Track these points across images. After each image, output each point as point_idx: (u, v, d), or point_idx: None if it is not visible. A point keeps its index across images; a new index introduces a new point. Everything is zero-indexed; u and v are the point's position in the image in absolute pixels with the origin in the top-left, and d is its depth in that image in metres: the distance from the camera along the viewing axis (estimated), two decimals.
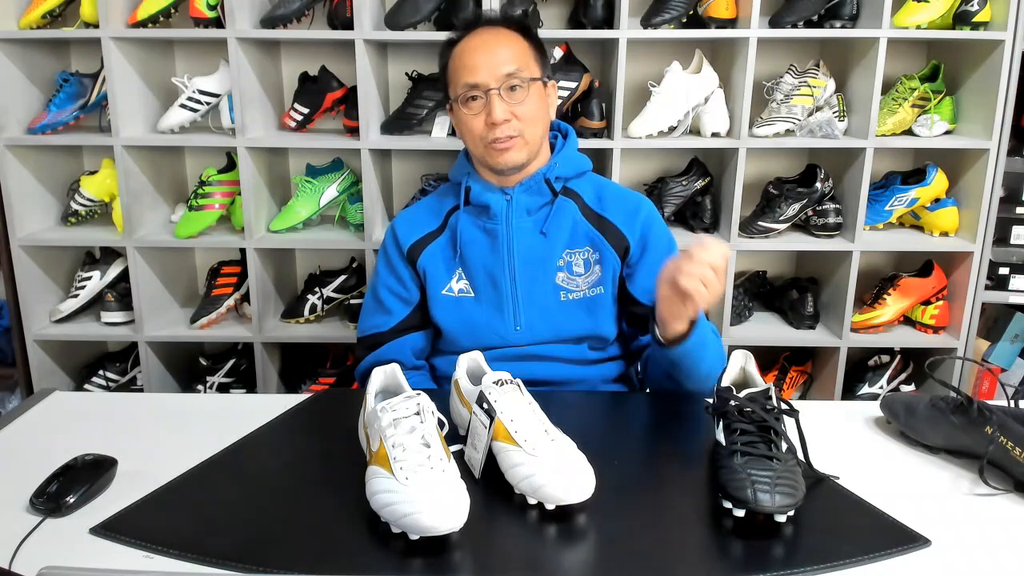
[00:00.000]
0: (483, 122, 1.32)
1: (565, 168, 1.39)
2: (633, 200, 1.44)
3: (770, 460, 0.92)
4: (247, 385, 2.30)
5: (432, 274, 1.41)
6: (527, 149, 1.34)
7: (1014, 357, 2.25)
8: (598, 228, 1.39)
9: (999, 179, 2.04)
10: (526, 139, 1.33)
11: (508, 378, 1.01)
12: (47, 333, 2.20)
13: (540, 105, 1.35)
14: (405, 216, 1.48)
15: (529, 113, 1.32)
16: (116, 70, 2.02)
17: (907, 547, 0.87)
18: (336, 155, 2.26)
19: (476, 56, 1.32)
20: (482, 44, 1.34)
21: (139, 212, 2.14)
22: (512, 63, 1.31)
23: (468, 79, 1.31)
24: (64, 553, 0.87)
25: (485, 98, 1.31)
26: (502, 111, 1.30)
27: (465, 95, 1.32)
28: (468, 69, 1.32)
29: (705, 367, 1.27)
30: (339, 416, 1.19)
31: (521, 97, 1.31)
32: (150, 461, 1.05)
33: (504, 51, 1.32)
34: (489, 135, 1.31)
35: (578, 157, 1.43)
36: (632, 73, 2.08)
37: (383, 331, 1.42)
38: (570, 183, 1.41)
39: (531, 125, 1.33)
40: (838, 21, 2.04)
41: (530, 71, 1.34)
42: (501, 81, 1.30)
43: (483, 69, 1.30)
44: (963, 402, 1.05)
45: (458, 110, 1.35)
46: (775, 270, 2.44)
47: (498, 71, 1.30)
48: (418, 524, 0.83)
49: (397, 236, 1.44)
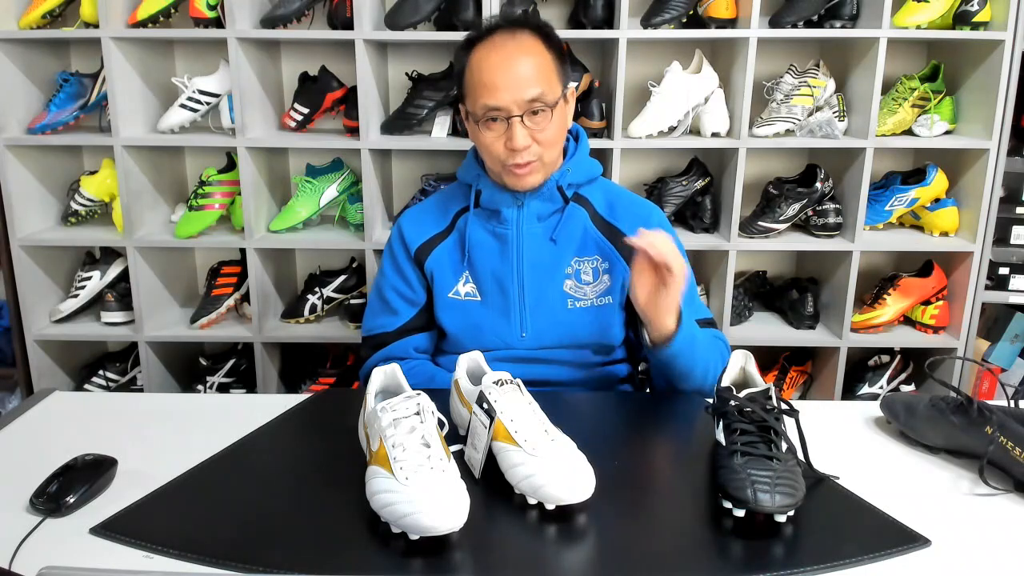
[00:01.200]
0: (502, 145, 1.27)
1: (577, 175, 1.37)
2: (644, 209, 1.43)
3: (770, 460, 0.92)
4: (247, 385, 2.30)
5: (439, 277, 1.39)
6: (544, 171, 1.32)
7: (1014, 357, 2.25)
8: (608, 237, 1.38)
9: (999, 179, 2.04)
10: (544, 162, 1.30)
11: (508, 378, 1.01)
12: (47, 333, 2.20)
13: (561, 125, 1.31)
14: (412, 215, 1.46)
15: (550, 137, 1.29)
16: (116, 70, 2.02)
17: (907, 547, 0.87)
18: (336, 155, 2.26)
19: (498, 75, 1.25)
20: (503, 61, 1.26)
21: (139, 212, 2.14)
22: (536, 85, 1.25)
23: (489, 101, 1.25)
24: (64, 553, 0.87)
25: (506, 122, 1.26)
26: (523, 138, 1.26)
27: (485, 116, 1.27)
28: (489, 90, 1.25)
29: (700, 366, 1.27)
30: (339, 416, 1.19)
31: (543, 123, 1.27)
32: (150, 461, 1.05)
33: (527, 70, 1.25)
34: (509, 159, 1.28)
35: (589, 162, 1.41)
36: (632, 73, 2.08)
37: (389, 331, 1.42)
38: (581, 190, 1.39)
39: (551, 148, 1.30)
40: (838, 21, 2.04)
41: (553, 92, 1.27)
42: (524, 108, 1.25)
43: (505, 92, 1.24)
44: (963, 402, 1.05)
45: (476, 127, 1.30)
46: (775, 270, 2.44)
47: (521, 95, 1.24)
48: (418, 524, 0.83)
49: (404, 236, 1.42)
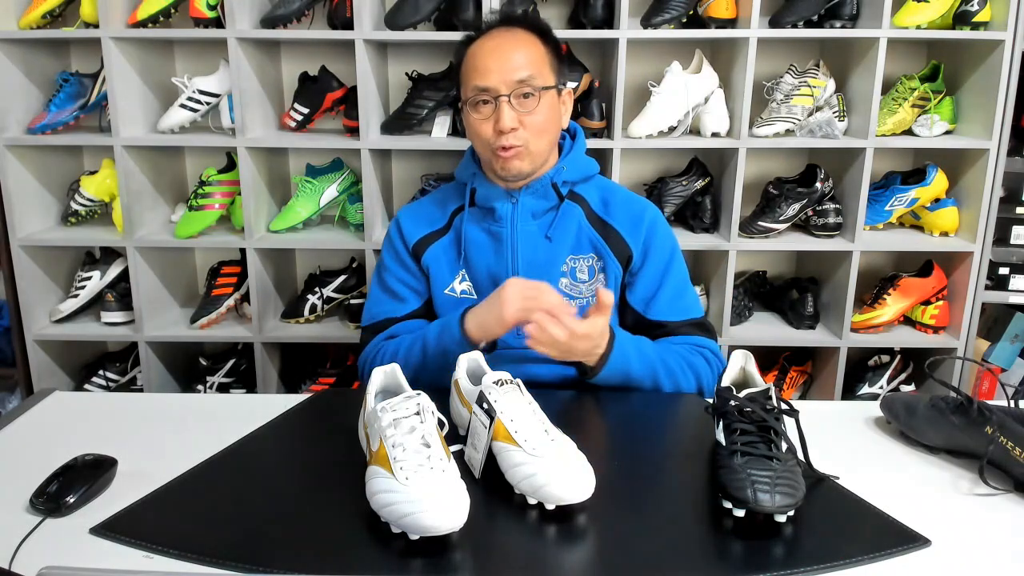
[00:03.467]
0: (491, 127, 1.29)
1: (572, 172, 1.38)
2: (638, 207, 1.42)
3: (770, 460, 0.92)
4: (247, 385, 2.30)
5: (436, 273, 1.40)
6: (531, 160, 1.32)
7: (1014, 357, 2.25)
8: (602, 235, 1.38)
9: (999, 179, 2.04)
10: (530, 150, 1.31)
11: (508, 378, 1.01)
12: (47, 333, 2.20)
13: (551, 115, 1.32)
14: (410, 211, 1.47)
15: (537, 124, 1.30)
16: (116, 70, 2.02)
17: (907, 547, 0.87)
18: (336, 155, 2.26)
19: (489, 59, 1.29)
20: (497, 47, 1.30)
21: (139, 212, 2.14)
22: (526, 69, 1.28)
23: (479, 82, 1.29)
24: (64, 553, 0.87)
25: (495, 103, 1.28)
26: (510, 119, 1.27)
27: (475, 98, 1.30)
28: (480, 72, 1.29)
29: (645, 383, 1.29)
30: (339, 416, 1.19)
31: (532, 106, 1.29)
32: (150, 461, 1.04)
33: (519, 55, 1.29)
34: (496, 141, 1.29)
35: (585, 160, 1.41)
36: (632, 73, 2.08)
37: (396, 316, 1.41)
38: (577, 187, 1.40)
39: (537, 136, 1.31)
40: (838, 21, 2.04)
41: (544, 78, 1.30)
42: (512, 87, 1.27)
43: (495, 73, 1.27)
44: (963, 402, 1.05)
45: (467, 112, 1.32)
46: (775, 270, 2.44)
47: (510, 76, 1.27)
48: (418, 524, 0.83)
49: (403, 231, 1.43)
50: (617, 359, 1.24)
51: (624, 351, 1.26)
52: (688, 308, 1.39)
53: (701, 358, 1.35)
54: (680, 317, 1.37)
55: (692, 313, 1.39)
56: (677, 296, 1.38)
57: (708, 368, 1.34)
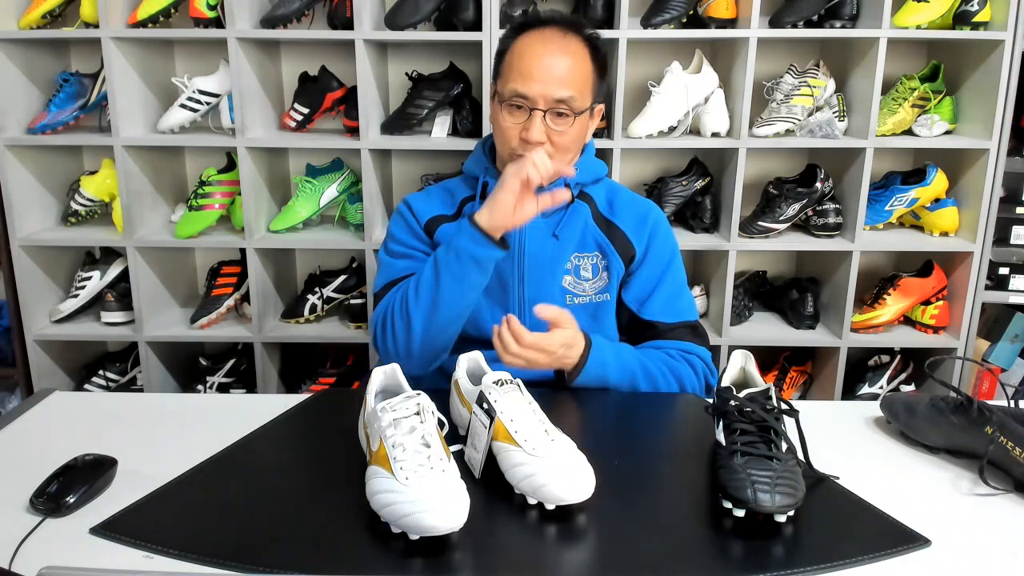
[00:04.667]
0: (517, 132, 1.28)
1: (584, 175, 1.38)
2: (643, 207, 1.43)
3: (770, 460, 0.92)
4: (247, 385, 2.30)
5: None
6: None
7: (1014, 357, 2.25)
8: (607, 234, 1.38)
9: (999, 179, 2.04)
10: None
11: (508, 378, 1.01)
12: (47, 333, 2.20)
13: (578, 135, 1.32)
14: (419, 195, 1.46)
15: (564, 143, 1.29)
16: (116, 70, 2.02)
17: (907, 547, 0.87)
18: (336, 155, 2.26)
19: (535, 65, 1.26)
20: (547, 54, 1.27)
21: (139, 212, 2.14)
22: (569, 88, 1.26)
23: (519, 87, 1.26)
24: (64, 553, 0.87)
25: (528, 112, 1.27)
26: (539, 133, 1.26)
27: (510, 101, 1.28)
28: (523, 77, 1.26)
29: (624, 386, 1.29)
30: (339, 416, 1.19)
31: (564, 126, 1.28)
32: (150, 461, 1.04)
33: (566, 70, 1.26)
34: (519, 148, 1.29)
35: (595, 163, 1.42)
36: (632, 73, 2.08)
37: (410, 274, 1.35)
38: (586, 188, 1.40)
39: (561, 153, 1.30)
40: (838, 21, 2.04)
41: (583, 100, 1.29)
42: (550, 105, 1.26)
43: (537, 84, 1.25)
44: (963, 402, 1.05)
45: (497, 107, 1.31)
46: (775, 270, 2.44)
47: (551, 93, 1.25)
48: (418, 524, 0.83)
49: (414, 209, 1.42)
50: (594, 366, 1.25)
51: (602, 358, 1.26)
52: (682, 311, 1.39)
53: (686, 364, 1.34)
54: (673, 319, 1.37)
55: (686, 316, 1.39)
56: (673, 298, 1.39)
57: (693, 375, 1.34)
